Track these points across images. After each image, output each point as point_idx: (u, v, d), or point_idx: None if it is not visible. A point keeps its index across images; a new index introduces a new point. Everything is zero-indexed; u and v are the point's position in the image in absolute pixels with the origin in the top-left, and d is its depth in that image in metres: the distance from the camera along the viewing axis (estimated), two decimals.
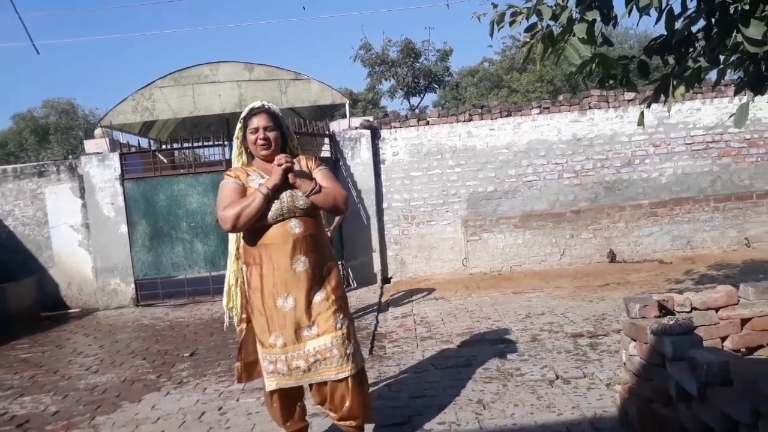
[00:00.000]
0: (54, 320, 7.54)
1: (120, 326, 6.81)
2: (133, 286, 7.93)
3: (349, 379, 2.68)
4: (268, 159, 2.72)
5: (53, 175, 8.27)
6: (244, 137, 2.78)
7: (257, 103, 2.76)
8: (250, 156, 2.84)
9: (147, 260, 7.87)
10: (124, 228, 7.89)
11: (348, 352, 2.66)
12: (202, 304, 7.61)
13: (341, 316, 2.71)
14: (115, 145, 8.26)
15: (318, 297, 2.69)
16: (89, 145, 8.24)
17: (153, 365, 4.98)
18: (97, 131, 8.57)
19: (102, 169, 7.98)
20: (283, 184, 2.65)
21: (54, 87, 60.64)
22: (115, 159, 7.98)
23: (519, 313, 5.48)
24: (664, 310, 2.67)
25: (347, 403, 2.70)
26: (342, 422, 2.79)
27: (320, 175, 2.78)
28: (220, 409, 3.72)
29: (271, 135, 2.71)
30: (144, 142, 10.45)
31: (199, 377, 4.49)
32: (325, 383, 2.69)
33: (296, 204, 2.66)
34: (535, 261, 7.76)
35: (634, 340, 2.66)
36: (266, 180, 2.65)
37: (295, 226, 2.65)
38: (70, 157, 13.39)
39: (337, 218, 6.13)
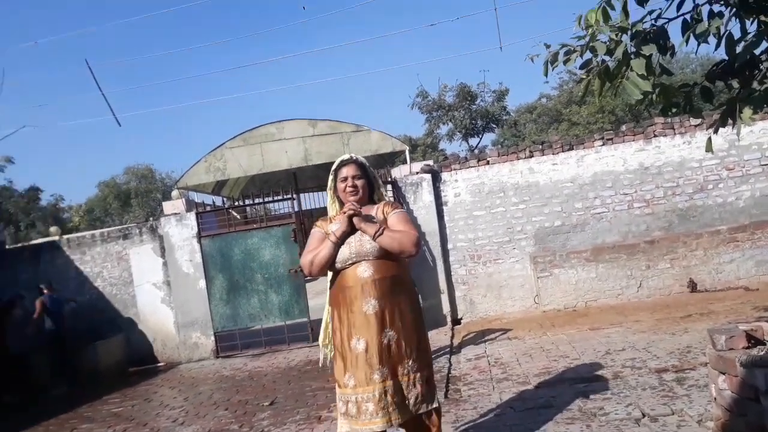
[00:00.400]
0: (141, 375, 7.90)
1: (202, 378, 7.06)
2: (212, 338, 8.22)
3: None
4: None
5: (136, 237, 8.78)
6: (335, 188, 2.96)
7: (346, 156, 2.98)
8: (342, 204, 2.96)
9: (225, 313, 8.17)
10: (202, 283, 8.26)
11: (410, 397, 2.73)
12: (278, 352, 7.77)
13: (410, 361, 2.75)
14: (191, 205, 8.70)
15: (390, 340, 2.73)
16: (167, 206, 8.72)
17: (235, 415, 5.12)
18: (174, 193, 9.07)
19: (180, 229, 8.42)
20: (353, 230, 2.78)
21: (133, 153, 65.15)
22: (191, 218, 8.41)
23: (598, 350, 5.30)
24: (754, 340, 2.55)
25: None
26: None
27: (394, 218, 2.84)
28: None
29: (359, 183, 2.89)
30: (217, 200, 11.03)
31: (279, 426, 4.59)
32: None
33: (364, 248, 2.75)
34: (611, 295, 7.50)
35: (723, 374, 2.54)
36: (336, 228, 2.79)
37: (364, 270, 2.75)
38: (151, 218, 14.23)
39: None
